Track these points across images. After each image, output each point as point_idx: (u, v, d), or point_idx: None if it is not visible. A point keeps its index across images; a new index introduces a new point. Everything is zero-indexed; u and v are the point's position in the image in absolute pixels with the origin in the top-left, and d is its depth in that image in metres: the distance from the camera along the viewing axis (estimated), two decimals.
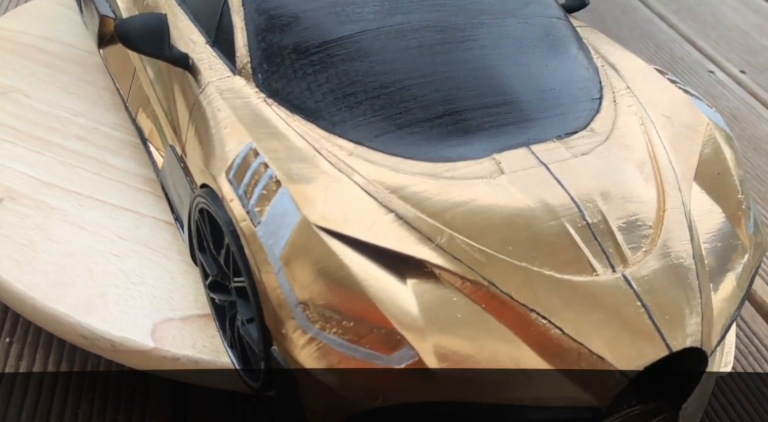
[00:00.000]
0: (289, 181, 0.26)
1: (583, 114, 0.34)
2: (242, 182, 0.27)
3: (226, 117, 0.29)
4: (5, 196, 0.41)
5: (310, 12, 0.32)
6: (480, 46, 0.34)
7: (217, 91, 0.31)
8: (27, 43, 0.56)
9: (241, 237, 0.27)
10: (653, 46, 0.95)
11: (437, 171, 0.28)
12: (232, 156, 0.28)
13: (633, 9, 1.04)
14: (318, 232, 0.25)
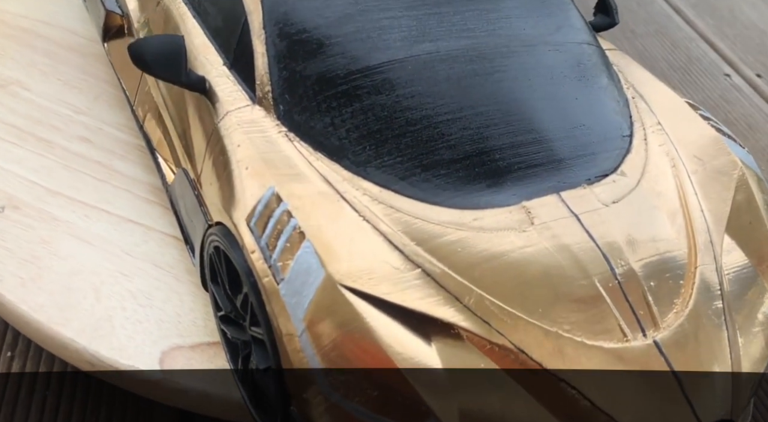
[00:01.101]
0: (313, 233, 0.25)
1: (613, 154, 0.33)
2: (264, 232, 0.26)
3: (246, 155, 0.28)
4: (7, 204, 0.39)
5: (335, 38, 0.31)
6: (510, 77, 0.33)
7: (237, 123, 0.29)
8: (26, 27, 0.54)
9: (262, 293, 0.26)
10: (669, 44, 0.93)
11: (465, 220, 0.28)
12: (254, 201, 0.26)
13: (650, 1, 1.01)
14: (343, 292, 0.25)
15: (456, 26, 0.33)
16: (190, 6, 0.35)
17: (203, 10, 0.34)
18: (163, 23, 0.36)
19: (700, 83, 0.85)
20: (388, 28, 0.32)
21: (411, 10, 0.33)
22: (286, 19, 0.31)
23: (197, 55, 0.33)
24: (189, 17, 0.35)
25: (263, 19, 0.31)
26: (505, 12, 0.35)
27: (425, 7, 0.33)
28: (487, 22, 0.34)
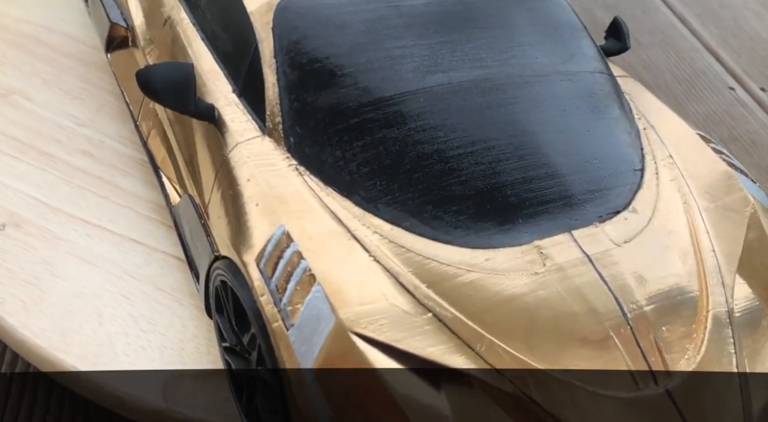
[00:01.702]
0: (324, 276, 0.25)
1: (625, 189, 0.33)
2: (275, 274, 0.26)
3: (256, 191, 0.28)
4: (9, 221, 0.39)
5: (347, 69, 0.30)
6: (522, 109, 0.33)
7: (246, 156, 0.29)
8: (27, 33, 0.53)
9: (271, 338, 0.25)
10: (674, 55, 0.92)
11: (477, 260, 0.27)
12: (264, 241, 0.26)
13: (654, 9, 1.01)
14: (353, 339, 0.24)
15: (468, 55, 0.33)
16: (198, 27, 0.34)
17: (212, 32, 0.34)
18: (170, 43, 0.35)
19: (704, 97, 0.84)
20: (401, 57, 0.31)
21: (423, 39, 0.32)
22: (298, 48, 0.30)
23: (206, 81, 0.32)
24: (197, 40, 0.34)
25: (274, 47, 0.30)
26: (517, 39, 0.35)
27: (438, 35, 0.33)
28: (499, 50, 0.34)
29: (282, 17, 0.30)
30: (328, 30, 0.31)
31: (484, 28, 0.34)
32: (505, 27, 0.35)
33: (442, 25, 0.33)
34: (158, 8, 0.36)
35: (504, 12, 0.35)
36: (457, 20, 0.34)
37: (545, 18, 0.37)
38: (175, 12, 0.35)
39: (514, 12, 0.36)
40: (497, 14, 0.35)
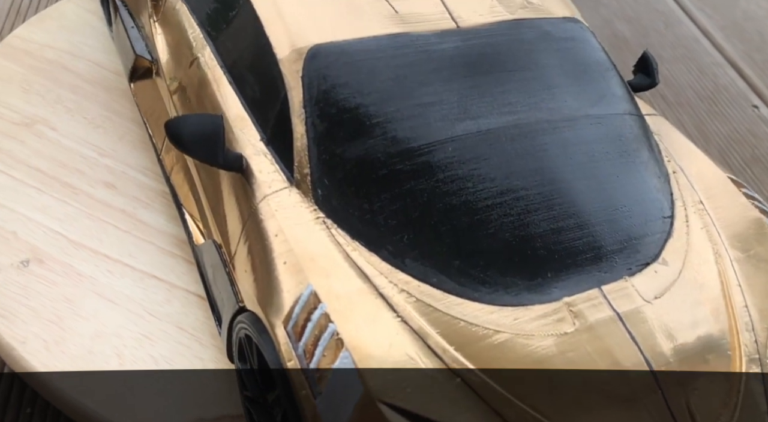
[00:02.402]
0: (352, 341, 0.25)
1: (654, 238, 0.32)
2: (302, 339, 0.25)
3: (284, 249, 0.27)
4: (32, 257, 0.39)
5: (376, 119, 0.29)
6: (551, 156, 0.32)
7: (274, 209, 0.28)
8: (52, 59, 0.53)
9: (298, 405, 0.25)
10: (696, 70, 0.91)
11: (506, 321, 0.27)
12: (291, 302, 0.26)
13: (677, 22, 0.99)
14: (381, 409, 0.24)
15: (497, 100, 0.32)
16: (226, 70, 0.34)
17: (240, 77, 0.33)
18: (197, 85, 0.35)
19: (727, 114, 0.83)
20: (430, 105, 0.31)
21: (453, 84, 0.32)
22: (327, 98, 0.30)
23: (233, 128, 0.32)
24: (225, 84, 0.34)
25: (304, 97, 0.30)
26: (546, 81, 0.34)
27: (467, 79, 0.32)
28: (529, 94, 0.33)
29: (311, 66, 0.30)
30: (357, 79, 0.30)
31: (514, 70, 0.34)
32: (535, 69, 0.34)
33: (472, 68, 0.33)
34: (185, 47, 0.36)
35: (533, 53, 0.35)
36: (486, 63, 0.33)
37: (574, 58, 0.36)
38: (202, 53, 0.35)
39: (543, 53, 0.35)
40: (526, 56, 0.34)
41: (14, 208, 0.41)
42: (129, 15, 0.44)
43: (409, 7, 0.34)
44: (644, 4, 1.01)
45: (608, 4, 0.99)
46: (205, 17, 0.36)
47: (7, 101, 0.48)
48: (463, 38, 0.34)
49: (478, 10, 0.35)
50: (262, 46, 0.32)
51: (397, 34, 0.32)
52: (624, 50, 0.94)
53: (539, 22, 0.36)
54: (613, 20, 0.98)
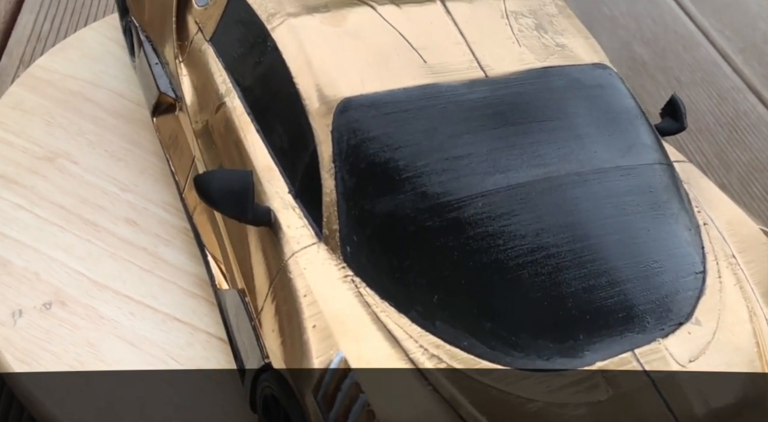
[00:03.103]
0: (383, 413, 0.24)
1: (686, 295, 0.31)
2: (332, 410, 0.25)
3: (313, 311, 0.27)
4: (54, 299, 0.39)
5: (406, 174, 0.29)
6: (582, 209, 0.31)
7: (303, 267, 0.28)
8: (74, 90, 0.53)
9: None
10: (716, 95, 0.90)
11: (539, 388, 0.26)
12: (320, 369, 0.25)
13: (696, 45, 0.98)
14: None
15: (527, 151, 0.32)
16: (253, 118, 0.34)
17: (268, 126, 0.33)
18: (224, 131, 0.35)
19: (747, 142, 0.82)
20: (460, 158, 0.30)
21: (483, 135, 0.31)
22: (357, 153, 0.29)
23: (261, 179, 0.32)
24: (252, 132, 0.33)
25: (333, 151, 0.29)
26: (576, 131, 0.34)
27: (498, 130, 0.32)
28: (558, 145, 0.33)
29: (341, 120, 0.30)
30: (387, 133, 0.30)
31: (543, 120, 0.33)
32: (564, 118, 0.34)
33: (501, 119, 0.32)
34: (211, 91, 0.36)
35: (563, 102, 0.34)
36: (515, 113, 0.33)
37: (604, 106, 0.35)
38: (229, 98, 0.35)
39: (573, 101, 0.35)
40: (556, 105, 0.34)
41: (37, 247, 0.41)
42: (153, 51, 0.44)
43: (437, 56, 0.33)
44: (662, 25, 1.00)
45: (626, 26, 0.99)
46: (231, 61, 0.36)
47: (32, 135, 0.48)
48: (492, 88, 0.33)
49: (507, 58, 0.35)
50: (290, 97, 0.31)
51: (426, 85, 0.32)
52: (642, 74, 0.93)
53: (568, 70, 0.36)
54: (631, 42, 0.97)
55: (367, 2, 0.35)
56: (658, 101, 0.95)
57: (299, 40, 0.32)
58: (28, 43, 0.71)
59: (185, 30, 0.39)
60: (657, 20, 1.01)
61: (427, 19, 0.35)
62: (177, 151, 0.43)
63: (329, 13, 0.33)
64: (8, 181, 0.44)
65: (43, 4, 0.77)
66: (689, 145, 0.84)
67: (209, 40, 0.38)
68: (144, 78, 0.45)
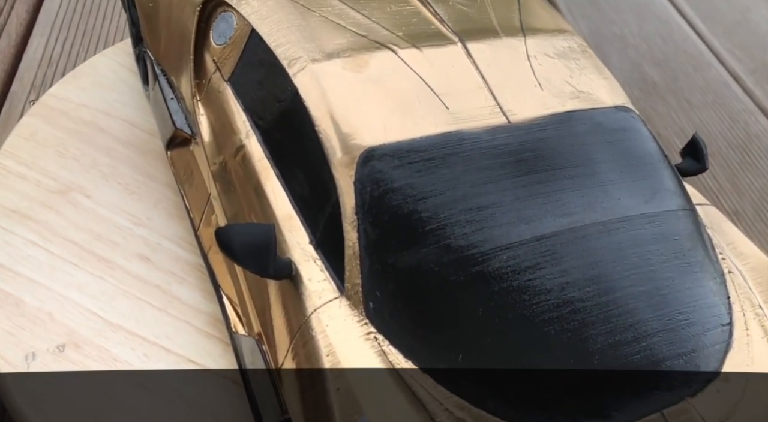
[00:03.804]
0: None
1: (714, 350, 0.31)
2: None
3: (337, 373, 0.26)
4: (68, 341, 0.38)
5: (429, 225, 0.28)
6: (606, 260, 0.31)
7: (325, 324, 0.28)
8: (87, 120, 0.53)
9: None
10: (727, 117, 0.89)
11: None
12: None
13: (706, 65, 0.98)
14: None
15: (551, 200, 0.31)
16: (273, 162, 0.33)
17: (289, 172, 0.32)
18: (243, 175, 0.34)
19: (759, 166, 0.81)
20: (483, 209, 0.30)
21: (505, 183, 0.31)
22: (380, 204, 0.29)
23: (281, 228, 0.31)
24: (272, 178, 0.33)
25: (356, 203, 0.29)
26: (600, 177, 0.34)
27: (520, 178, 0.31)
28: (581, 192, 0.32)
29: (364, 171, 0.29)
30: (410, 184, 0.29)
31: (567, 167, 0.33)
32: (588, 165, 0.33)
33: (524, 167, 0.32)
34: (230, 133, 0.35)
35: (586, 147, 0.34)
36: (539, 161, 0.32)
37: (627, 151, 0.35)
38: (248, 142, 0.34)
39: (596, 147, 0.34)
40: (579, 151, 0.34)
41: (51, 286, 0.40)
42: (168, 85, 0.44)
43: (460, 102, 0.33)
44: (673, 46, 1.00)
45: (637, 46, 0.99)
46: (251, 103, 0.36)
47: (45, 167, 0.48)
48: (515, 134, 0.33)
49: (529, 102, 0.35)
50: (312, 145, 0.31)
51: (448, 133, 0.31)
52: (653, 95, 0.93)
53: (591, 114, 0.35)
54: (641, 63, 0.97)
55: (387, 46, 0.34)
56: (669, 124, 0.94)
57: (321, 88, 0.32)
58: (39, 68, 0.71)
59: (203, 68, 0.39)
60: (667, 40, 1.01)
61: (449, 62, 0.35)
62: (192, 186, 0.43)
63: (351, 58, 0.33)
64: (22, 216, 0.44)
65: (54, 25, 0.77)
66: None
67: (228, 79, 0.37)
68: (159, 111, 0.45)
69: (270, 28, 0.35)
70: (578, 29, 1.02)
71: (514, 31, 0.39)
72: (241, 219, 0.34)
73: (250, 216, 0.33)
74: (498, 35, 0.38)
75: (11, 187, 0.46)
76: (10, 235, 0.43)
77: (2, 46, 0.73)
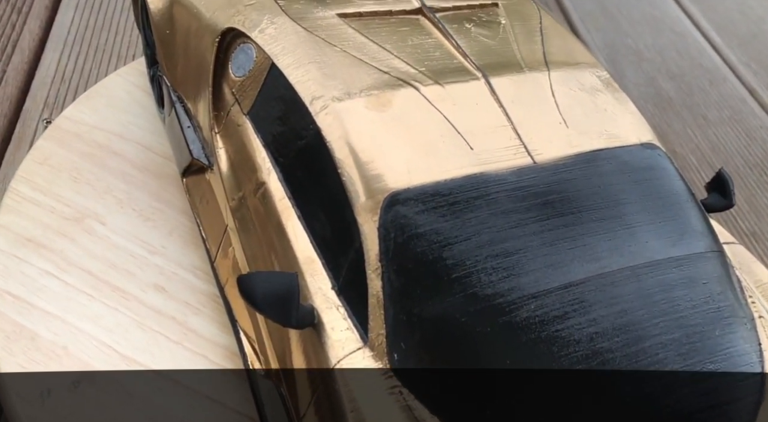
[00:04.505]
0: None
1: (745, 402, 0.30)
2: None
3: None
4: (83, 376, 0.38)
5: (457, 273, 0.28)
6: (635, 308, 0.30)
7: (348, 377, 0.27)
8: (101, 143, 0.53)
9: None
10: (744, 134, 0.88)
11: None
12: None
13: (722, 80, 0.97)
14: None
15: (578, 244, 0.31)
16: (294, 202, 0.32)
17: (310, 213, 0.32)
18: (264, 214, 0.34)
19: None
20: (510, 255, 0.29)
21: (532, 227, 0.30)
22: (405, 251, 0.28)
23: (303, 272, 0.31)
24: (293, 217, 0.32)
25: (380, 249, 0.28)
26: (627, 219, 0.33)
27: (547, 222, 0.31)
28: (609, 236, 0.32)
29: (388, 216, 0.29)
30: (435, 229, 0.29)
31: (594, 209, 0.32)
32: (615, 206, 0.33)
33: (551, 209, 0.31)
34: (250, 169, 0.35)
35: (613, 188, 0.33)
36: (565, 203, 0.31)
37: (654, 191, 0.34)
38: (268, 179, 0.33)
39: (623, 187, 0.33)
40: (606, 192, 0.33)
41: (65, 317, 0.40)
42: (185, 113, 0.43)
43: (484, 142, 0.32)
44: (688, 59, 0.99)
45: (652, 59, 0.98)
46: (271, 139, 0.35)
47: (59, 193, 0.47)
48: (541, 176, 0.32)
49: (554, 140, 0.34)
50: (335, 188, 0.30)
51: (473, 175, 0.31)
52: (668, 111, 0.92)
53: (617, 152, 0.35)
54: (656, 77, 0.96)
55: (410, 83, 0.34)
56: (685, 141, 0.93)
57: (344, 129, 0.31)
58: (52, 85, 0.71)
59: (221, 99, 0.39)
60: (682, 53, 1.00)
61: (472, 99, 0.34)
62: (208, 215, 0.42)
63: (373, 97, 0.32)
64: (37, 245, 0.44)
65: (67, 41, 0.77)
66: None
67: (247, 113, 0.37)
68: (175, 139, 0.44)
69: (290, 62, 0.35)
70: (592, 42, 1.01)
71: (537, 64, 0.38)
72: (261, 259, 0.33)
73: (270, 257, 0.33)
74: (521, 69, 0.37)
75: (26, 213, 0.46)
76: (25, 265, 0.42)
77: (15, 63, 0.73)
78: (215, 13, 0.41)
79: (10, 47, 0.73)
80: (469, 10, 0.42)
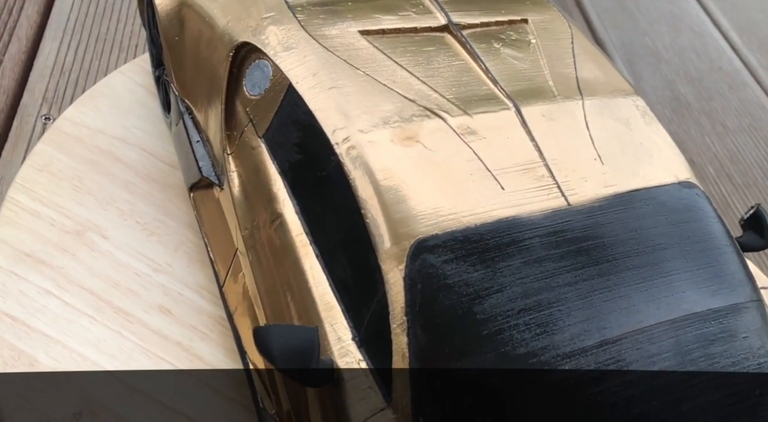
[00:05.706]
0: None
1: None
2: None
3: None
4: (84, 408, 0.36)
5: (487, 330, 0.26)
6: (674, 365, 0.28)
7: None
8: (104, 148, 0.50)
9: None
10: (763, 144, 0.86)
11: None
12: None
13: (742, 85, 0.94)
14: None
15: (614, 295, 0.29)
16: (311, 238, 0.30)
17: (330, 253, 0.30)
18: (279, 249, 0.31)
19: None
20: (544, 309, 0.27)
21: (566, 277, 0.28)
22: (432, 305, 0.26)
23: (322, 321, 0.29)
24: (311, 256, 0.30)
25: (406, 301, 0.26)
26: (664, 266, 0.31)
27: (582, 271, 0.29)
28: (646, 285, 0.30)
29: (415, 266, 0.27)
30: (464, 280, 0.27)
31: (629, 256, 0.30)
32: (651, 252, 0.31)
33: (587, 257, 0.29)
34: (265, 199, 0.33)
35: (649, 232, 0.31)
36: (601, 249, 0.29)
37: (691, 234, 0.32)
38: (284, 211, 0.31)
39: (659, 230, 0.31)
40: (642, 236, 0.31)
41: (66, 342, 0.38)
42: (194, 125, 0.41)
43: (516, 182, 0.30)
44: (707, 61, 0.96)
45: (670, 61, 0.95)
46: (288, 167, 0.33)
47: (59, 203, 0.45)
48: (576, 219, 0.30)
49: (589, 179, 0.32)
50: (358, 229, 0.28)
51: (505, 219, 0.29)
52: (687, 117, 0.89)
53: (654, 192, 0.33)
54: (675, 81, 0.93)
55: (437, 113, 0.32)
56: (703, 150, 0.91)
57: (369, 166, 0.29)
58: (51, 77, 0.68)
59: (234, 118, 0.36)
60: (701, 55, 0.97)
61: (503, 132, 0.32)
62: (216, 235, 0.40)
63: (399, 129, 0.30)
64: (37, 260, 0.41)
65: (66, 29, 0.74)
66: (735, 202, 0.81)
67: (262, 136, 0.35)
68: (183, 152, 0.42)
69: (311, 86, 0.32)
70: (609, 40, 0.98)
71: (571, 91, 0.36)
72: (275, 296, 0.32)
73: (285, 297, 0.31)
74: (554, 97, 0.35)
75: (25, 226, 0.44)
76: (24, 283, 0.40)
77: (12, 53, 0.69)
78: (229, 24, 0.38)
79: (7, 35, 0.70)
80: (498, 27, 0.39)
